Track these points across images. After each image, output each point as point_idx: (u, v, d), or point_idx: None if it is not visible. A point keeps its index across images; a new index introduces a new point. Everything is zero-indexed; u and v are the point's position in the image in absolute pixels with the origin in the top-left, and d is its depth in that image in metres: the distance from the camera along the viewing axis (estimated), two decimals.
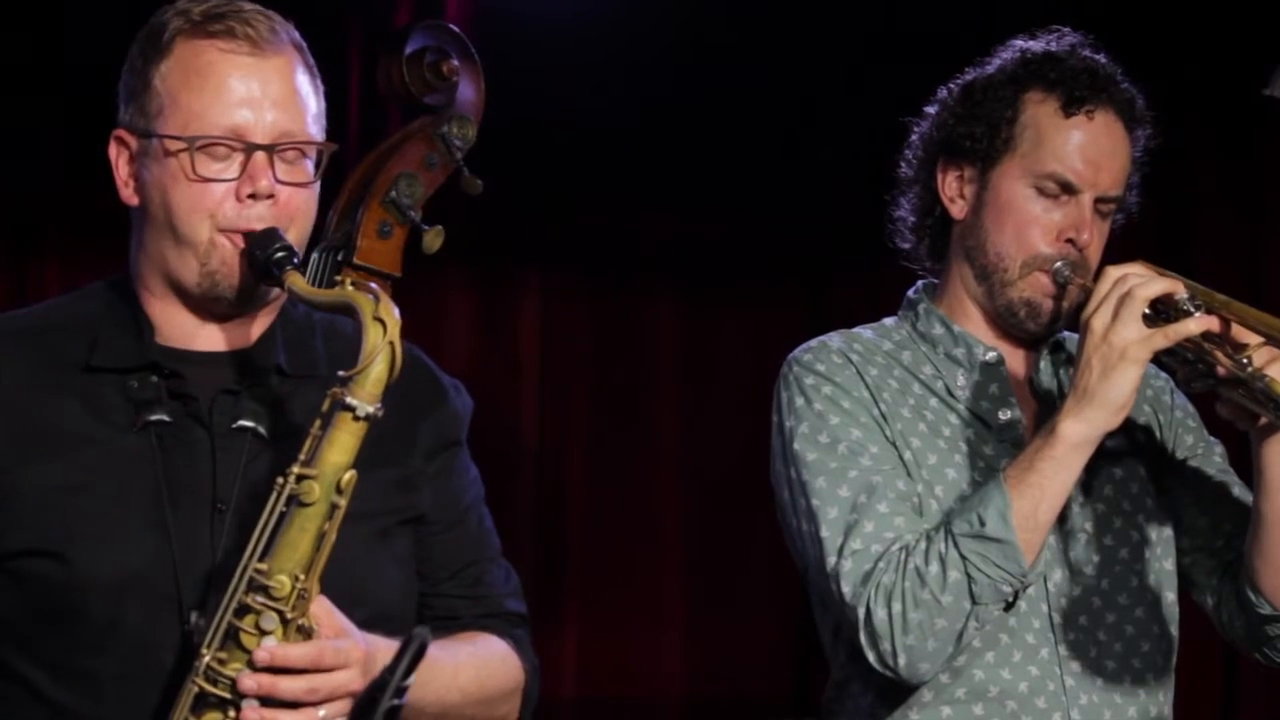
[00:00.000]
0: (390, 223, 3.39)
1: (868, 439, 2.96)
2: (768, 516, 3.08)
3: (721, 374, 5.65)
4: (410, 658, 2.36)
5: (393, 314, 2.45)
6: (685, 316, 5.73)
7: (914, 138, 3.15)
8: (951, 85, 3.12)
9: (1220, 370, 2.81)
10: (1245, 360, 2.78)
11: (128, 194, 2.61)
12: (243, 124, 2.54)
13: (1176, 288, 2.83)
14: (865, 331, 3.12)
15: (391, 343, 2.44)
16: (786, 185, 5.49)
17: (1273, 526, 2.91)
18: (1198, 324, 2.79)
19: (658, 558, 5.70)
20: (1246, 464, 2.95)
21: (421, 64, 3.44)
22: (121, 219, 2.67)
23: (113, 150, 2.62)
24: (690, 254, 5.71)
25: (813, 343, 3.06)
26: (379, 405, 2.44)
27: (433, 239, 3.36)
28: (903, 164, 3.17)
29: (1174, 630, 3.07)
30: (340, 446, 2.44)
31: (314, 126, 2.60)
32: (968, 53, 3.14)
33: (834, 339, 3.07)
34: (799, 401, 2.99)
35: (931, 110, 3.13)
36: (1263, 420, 2.84)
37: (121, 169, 2.61)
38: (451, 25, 3.53)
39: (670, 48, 5.35)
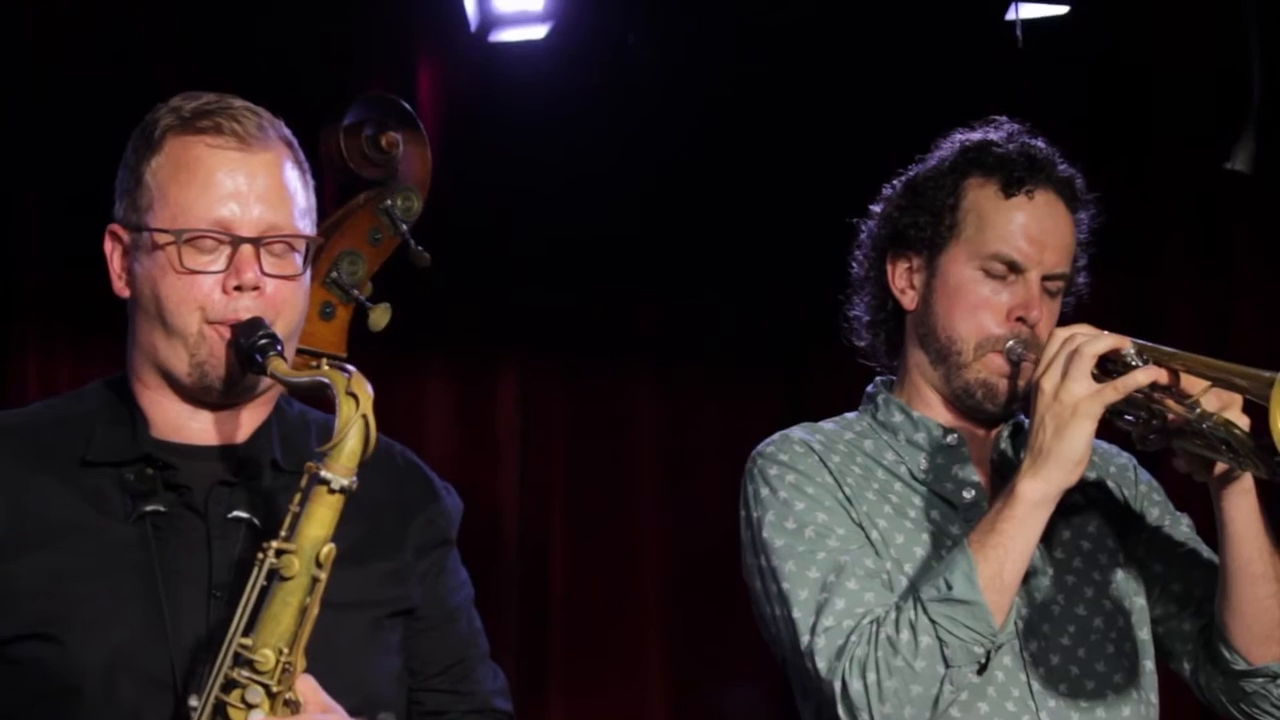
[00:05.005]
0: (333, 303, 3.31)
1: (834, 521, 2.99)
2: (748, 598, 3.07)
3: (701, 457, 5.62)
4: None
5: (365, 389, 2.50)
6: (664, 400, 5.71)
7: (862, 236, 3.20)
8: (894, 182, 3.18)
9: (1172, 418, 2.84)
10: (1194, 404, 2.81)
11: (120, 287, 2.69)
12: (229, 218, 2.61)
13: (1123, 343, 2.87)
14: (827, 424, 3.16)
15: (364, 416, 2.49)
16: (767, 271, 5.51)
17: (1239, 578, 2.93)
18: (1146, 375, 2.83)
19: (640, 639, 5.67)
20: (1214, 535, 2.97)
21: (360, 136, 3.38)
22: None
23: (107, 245, 2.69)
24: (669, 338, 5.71)
25: (775, 436, 3.11)
26: (354, 479, 2.49)
27: (379, 316, 3.29)
28: (853, 263, 3.22)
29: (1154, 697, 3.07)
30: (318, 520, 2.48)
31: (302, 220, 2.67)
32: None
33: (796, 431, 3.11)
34: (764, 492, 3.03)
35: (876, 208, 3.19)
36: (1219, 468, 2.87)
37: (115, 263, 2.69)
38: (393, 96, 3.45)
39: (650, 134, 5.37)
